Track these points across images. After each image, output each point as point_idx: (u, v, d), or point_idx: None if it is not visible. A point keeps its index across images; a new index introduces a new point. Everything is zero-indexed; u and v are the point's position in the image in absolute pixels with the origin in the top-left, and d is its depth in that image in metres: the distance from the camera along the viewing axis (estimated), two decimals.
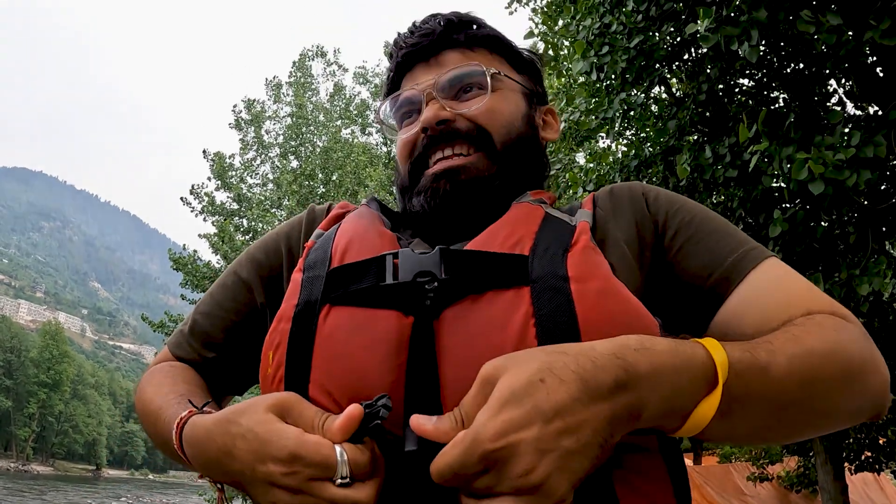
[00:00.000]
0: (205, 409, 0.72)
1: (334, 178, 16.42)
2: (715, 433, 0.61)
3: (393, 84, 0.95)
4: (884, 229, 3.49)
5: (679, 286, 0.77)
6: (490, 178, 0.84)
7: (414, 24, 0.92)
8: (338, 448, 0.56)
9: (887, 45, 2.85)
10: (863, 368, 0.67)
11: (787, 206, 3.56)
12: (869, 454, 6.73)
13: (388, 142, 23.68)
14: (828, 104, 4.22)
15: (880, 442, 6.66)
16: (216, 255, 15.87)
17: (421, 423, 0.56)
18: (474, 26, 0.92)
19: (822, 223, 3.53)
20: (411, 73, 0.91)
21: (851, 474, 6.80)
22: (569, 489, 0.52)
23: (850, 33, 2.95)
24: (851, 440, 6.67)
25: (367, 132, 23.19)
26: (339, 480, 0.56)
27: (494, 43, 0.93)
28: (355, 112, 21.90)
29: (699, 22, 3.00)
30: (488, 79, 0.86)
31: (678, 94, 4.84)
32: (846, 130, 3.03)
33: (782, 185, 3.11)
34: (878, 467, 6.81)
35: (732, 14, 3.10)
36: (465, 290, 0.66)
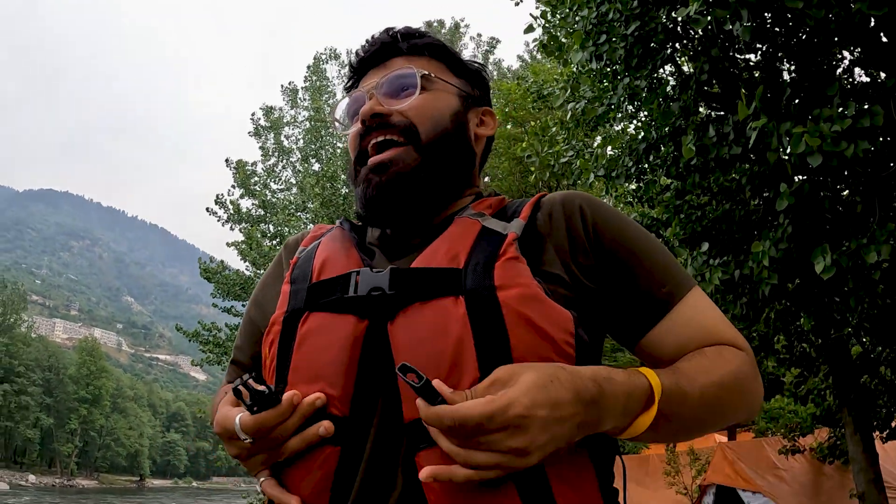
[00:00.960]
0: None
1: None
2: (645, 437, 0.80)
3: (350, 88, 1.07)
4: (895, 194, 3.52)
5: (612, 306, 0.89)
6: (416, 170, 0.93)
7: (371, 36, 1.05)
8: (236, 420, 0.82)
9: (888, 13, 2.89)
10: (749, 393, 0.88)
11: (795, 179, 3.59)
12: None
13: None
14: (837, 73, 4.24)
15: None
16: (245, 262, 16.09)
17: (442, 387, 0.71)
18: (417, 37, 1.03)
19: (828, 194, 3.56)
20: (364, 78, 1.03)
21: (883, 443, 6.74)
22: (538, 461, 0.70)
23: (837, 9, 2.99)
24: (882, 409, 6.63)
25: None
26: (243, 438, 0.81)
27: (435, 50, 1.03)
28: None
29: (689, 5, 3.05)
30: (418, 80, 0.96)
31: (688, 71, 4.89)
32: (844, 101, 3.07)
33: (785, 159, 3.16)
34: None
35: None
36: (412, 299, 0.81)
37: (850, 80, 4.19)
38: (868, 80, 4.04)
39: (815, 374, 7.11)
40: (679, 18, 3.58)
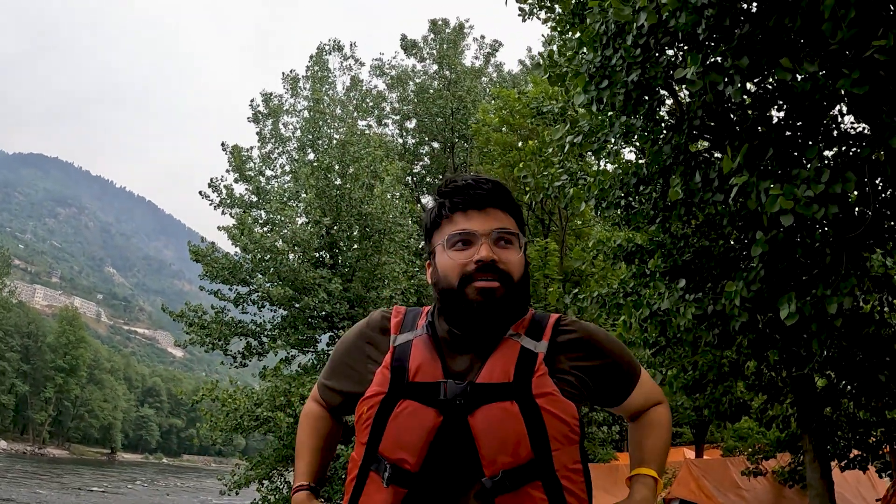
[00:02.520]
0: (311, 487, 1.48)
1: (351, 170, 16.63)
2: None
3: (444, 209, 1.40)
4: (862, 253, 3.79)
5: (604, 390, 1.46)
6: (508, 297, 1.34)
7: (467, 180, 1.41)
8: None
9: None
10: (670, 430, 1.57)
11: (769, 229, 3.87)
12: (858, 452, 6.97)
13: (403, 134, 23.97)
14: (829, 115, 4.47)
15: (870, 441, 6.91)
16: (235, 246, 16.15)
17: None
18: (505, 194, 1.42)
19: (799, 246, 3.84)
20: (465, 214, 1.37)
21: (841, 471, 7.04)
22: None
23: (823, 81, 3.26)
24: (840, 441, 6.92)
25: (382, 123, 23.49)
26: None
27: (514, 209, 1.43)
28: (371, 104, 22.17)
29: (687, 66, 3.33)
30: (520, 240, 1.39)
31: (685, 102, 5.15)
32: (820, 165, 3.34)
33: (762, 211, 3.43)
34: (864, 466, 7.05)
35: (718, 59, 3.42)
36: (482, 402, 1.26)
37: (837, 127, 4.45)
38: (838, 149, 4.32)
39: (780, 401, 7.42)
40: (675, 78, 3.84)
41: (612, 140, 5.08)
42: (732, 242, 5.31)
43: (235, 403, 13.49)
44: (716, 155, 4.76)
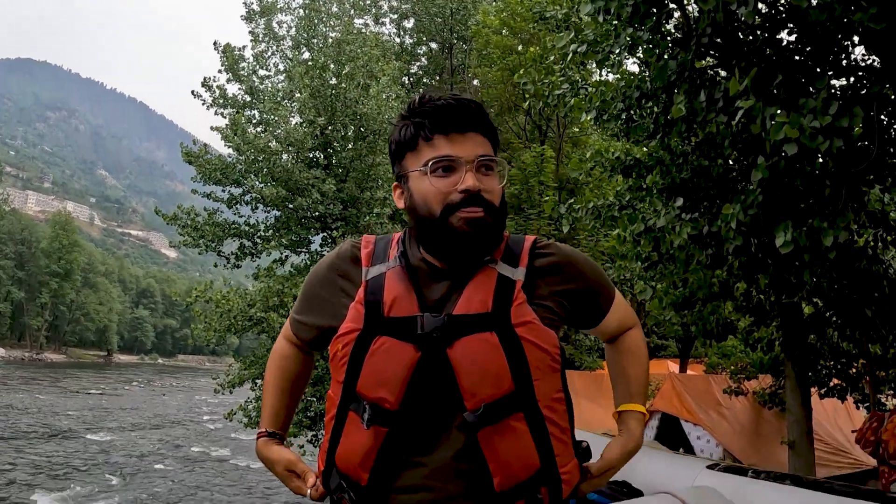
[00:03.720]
0: (271, 433, 1.48)
1: (346, 70, 16.20)
2: None
3: (423, 130, 1.29)
4: (862, 188, 3.71)
5: (581, 313, 1.43)
6: (493, 227, 1.28)
7: (448, 100, 1.29)
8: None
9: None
10: (646, 353, 1.58)
11: (770, 155, 3.77)
12: (838, 382, 7.11)
13: (400, 34, 23.23)
14: (840, 45, 4.29)
15: (850, 372, 7.03)
16: (228, 147, 15.92)
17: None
18: (486, 117, 1.33)
19: (800, 174, 3.75)
20: (447, 137, 1.28)
21: (820, 398, 7.21)
22: None
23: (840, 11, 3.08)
24: (822, 370, 7.04)
25: (379, 22, 22.74)
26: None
27: (493, 133, 1.34)
28: (369, 2, 21.38)
29: None
30: (502, 169, 1.33)
31: (693, 16, 4.90)
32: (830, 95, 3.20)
33: (765, 137, 3.32)
34: (843, 396, 7.19)
35: None
36: (462, 334, 1.22)
37: (847, 57, 4.27)
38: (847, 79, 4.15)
39: (766, 325, 7.50)
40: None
41: (617, 51, 4.86)
42: (732, 163, 5.19)
43: (229, 304, 13.52)
44: (722, 74, 4.58)
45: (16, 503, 13.65)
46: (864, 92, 3.30)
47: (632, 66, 6.36)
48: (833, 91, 3.29)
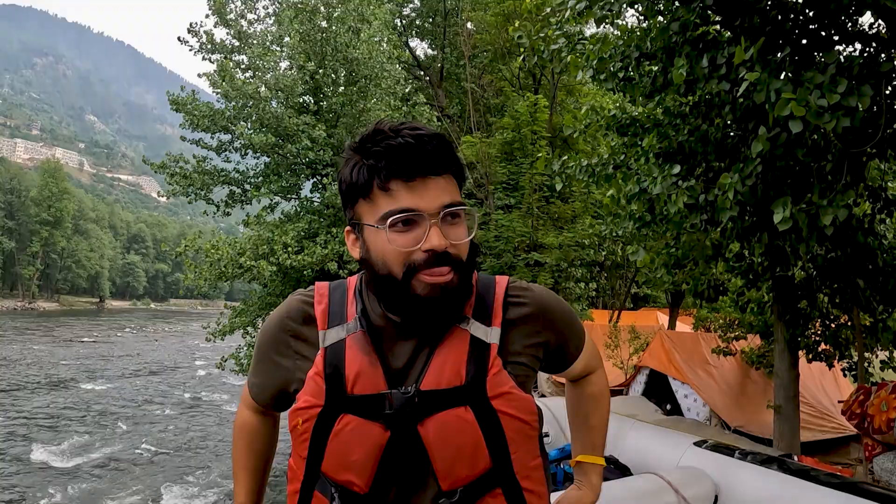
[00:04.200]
0: None
1: (336, 13, 15.73)
2: None
3: (378, 175, 1.09)
4: (864, 158, 3.59)
5: (551, 361, 1.33)
6: (461, 287, 1.13)
7: (407, 138, 1.09)
8: None
9: None
10: (608, 398, 1.50)
11: (772, 126, 3.62)
12: (827, 347, 7.08)
13: None
14: (845, 9, 4.10)
15: (840, 338, 6.99)
16: (216, 93, 15.59)
17: None
18: (449, 154, 1.13)
19: (800, 150, 3.61)
20: (407, 185, 1.09)
21: (808, 362, 7.20)
22: None
23: None
24: (812, 336, 7.00)
25: None
26: None
27: (459, 169, 1.16)
28: None
29: None
30: (470, 219, 1.15)
31: None
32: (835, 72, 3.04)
33: (769, 110, 3.17)
34: (831, 363, 7.17)
35: None
36: (434, 411, 1.10)
37: (854, 24, 4.07)
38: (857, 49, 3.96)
39: (757, 288, 7.45)
40: None
41: (617, 10, 4.63)
42: (731, 128, 5.02)
43: (218, 254, 13.42)
44: (727, 35, 4.36)
45: (13, 457, 13.69)
46: (872, 68, 3.12)
47: (630, 17, 6.11)
48: (841, 62, 3.11)
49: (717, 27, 4.52)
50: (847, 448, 7.81)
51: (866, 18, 4.10)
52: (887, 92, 3.13)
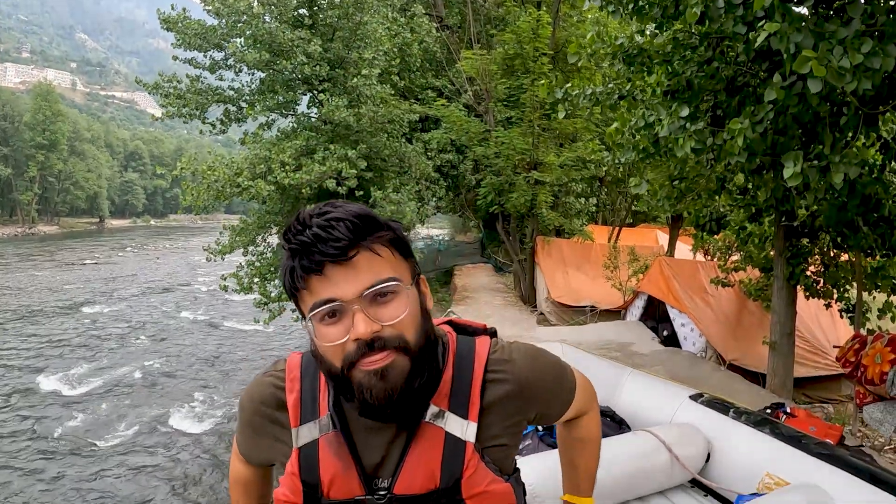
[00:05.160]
0: None
1: None
2: None
3: (296, 277, 1.05)
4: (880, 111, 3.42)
5: (539, 422, 1.30)
6: (410, 375, 1.06)
7: (315, 231, 1.02)
8: None
9: None
10: (599, 439, 1.50)
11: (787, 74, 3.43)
12: (825, 284, 7.04)
13: None
14: None
15: (839, 281, 6.93)
16: (207, 10, 15.03)
17: None
18: (373, 227, 1.06)
19: (815, 98, 3.43)
20: (322, 276, 1.03)
21: (806, 299, 7.18)
22: None
23: None
24: (812, 276, 6.94)
25: None
26: None
27: (387, 234, 1.08)
28: None
29: None
30: (405, 290, 1.06)
31: None
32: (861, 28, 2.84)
33: (786, 59, 2.98)
34: (829, 302, 7.16)
35: None
36: None
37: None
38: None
39: (759, 222, 7.37)
40: None
41: None
42: (744, 67, 4.79)
43: (215, 175, 13.19)
44: None
45: (23, 387, 13.90)
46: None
47: None
48: (866, 12, 2.90)
49: None
50: (838, 383, 7.93)
51: None
52: None
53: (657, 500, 3.68)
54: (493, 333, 1.28)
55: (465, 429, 1.12)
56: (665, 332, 10.15)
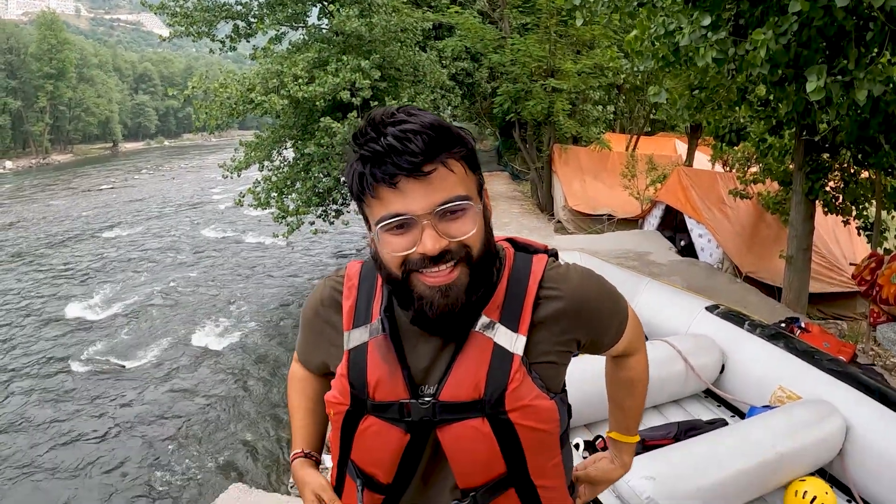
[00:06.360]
0: (307, 454, 1.41)
1: None
2: None
3: (365, 183, 1.05)
4: None
5: (588, 349, 1.30)
6: (469, 287, 1.09)
7: (390, 141, 1.01)
8: None
9: None
10: (646, 382, 1.47)
11: None
12: (844, 201, 6.93)
13: None
14: None
15: (858, 198, 6.83)
16: None
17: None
18: (448, 140, 1.05)
19: (843, 13, 3.30)
20: (395, 189, 1.03)
21: (825, 214, 7.11)
22: None
23: None
24: (831, 192, 6.83)
25: None
26: None
27: (462, 150, 1.08)
28: None
29: None
30: (475, 207, 1.07)
31: None
32: None
33: None
34: (847, 219, 7.05)
35: None
36: (452, 420, 1.13)
37: None
38: None
39: (780, 136, 7.25)
40: None
41: None
42: None
43: (227, 92, 13.05)
44: None
45: (49, 316, 14.17)
46: None
47: None
48: None
49: None
50: (853, 301, 7.92)
51: None
52: None
53: (672, 408, 3.83)
54: (553, 254, 1.28)
55: (513, 342, 1.13)
56: (682, 243, 10.18)
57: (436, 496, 1.20)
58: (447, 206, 1.03)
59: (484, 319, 1.14)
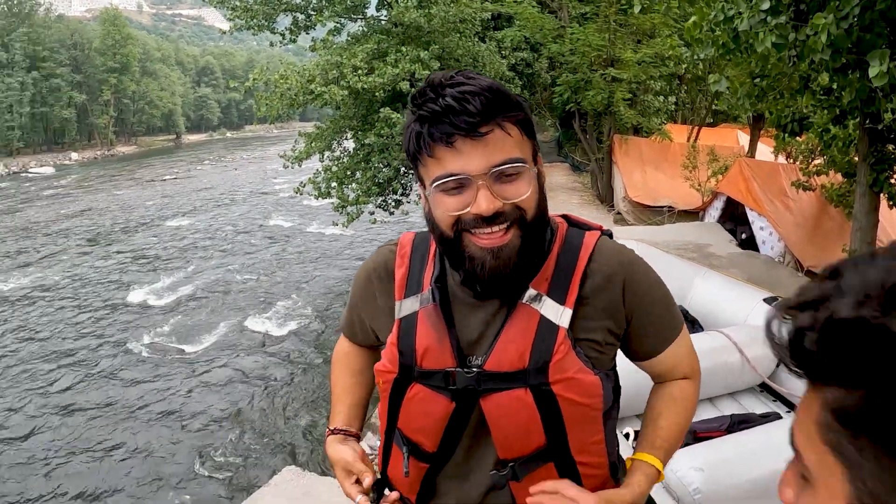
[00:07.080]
0: (338, 431, 1.40)
1: None
2: None
3: (423, 142, 1.07)
4: None
5: (632, 341, 1.26)
6: (522, 250, 1.11)
7: (448, 101, 1.03)
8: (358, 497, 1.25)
9: None
10: (692, 411, 1.34)
11: None
12: None
13: None
14: None
15: None
16: None
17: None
18: (506, 106, 1.07)
19: None
20: (452, 148, 1.05)
21: (889, 208, 6.83)
22: None
23: None
24: (895, 181, 6.56)
25: None
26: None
27: (519, 114, 1.09)
28: None
29: None
30: (529, 171, 1.09)
31: None
32: None
33: None
34: None
35: None
36: (494, 389, 1.15)
37: None
38: None
39: (844, 126, 7.01)
40: None
41: None
42: None
43: (288, 83, 13.25)
44: None
45: (114, 301, 14.73)
46: None
47: None
48: None
49: None
50: None
51: None
52: None
53: (725, 401, 3.78)
54: (608, 234, 1.28)
55: (559, 314, 1.14)
56: (743, 235, 9.98)
57: (478, 467, 1.22)
58: (503, 167, 1.05)
59: (531, 292, 1.16)
